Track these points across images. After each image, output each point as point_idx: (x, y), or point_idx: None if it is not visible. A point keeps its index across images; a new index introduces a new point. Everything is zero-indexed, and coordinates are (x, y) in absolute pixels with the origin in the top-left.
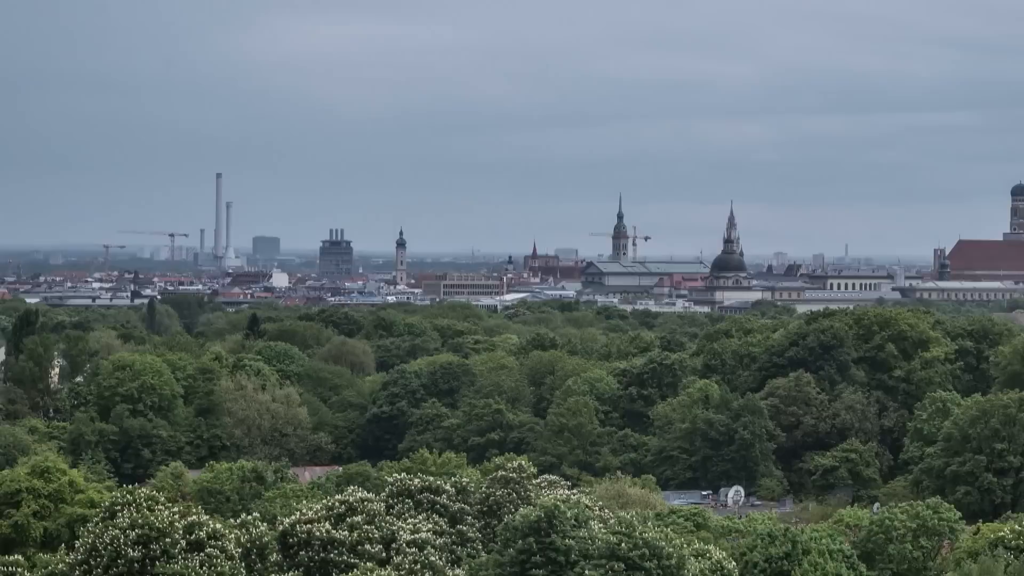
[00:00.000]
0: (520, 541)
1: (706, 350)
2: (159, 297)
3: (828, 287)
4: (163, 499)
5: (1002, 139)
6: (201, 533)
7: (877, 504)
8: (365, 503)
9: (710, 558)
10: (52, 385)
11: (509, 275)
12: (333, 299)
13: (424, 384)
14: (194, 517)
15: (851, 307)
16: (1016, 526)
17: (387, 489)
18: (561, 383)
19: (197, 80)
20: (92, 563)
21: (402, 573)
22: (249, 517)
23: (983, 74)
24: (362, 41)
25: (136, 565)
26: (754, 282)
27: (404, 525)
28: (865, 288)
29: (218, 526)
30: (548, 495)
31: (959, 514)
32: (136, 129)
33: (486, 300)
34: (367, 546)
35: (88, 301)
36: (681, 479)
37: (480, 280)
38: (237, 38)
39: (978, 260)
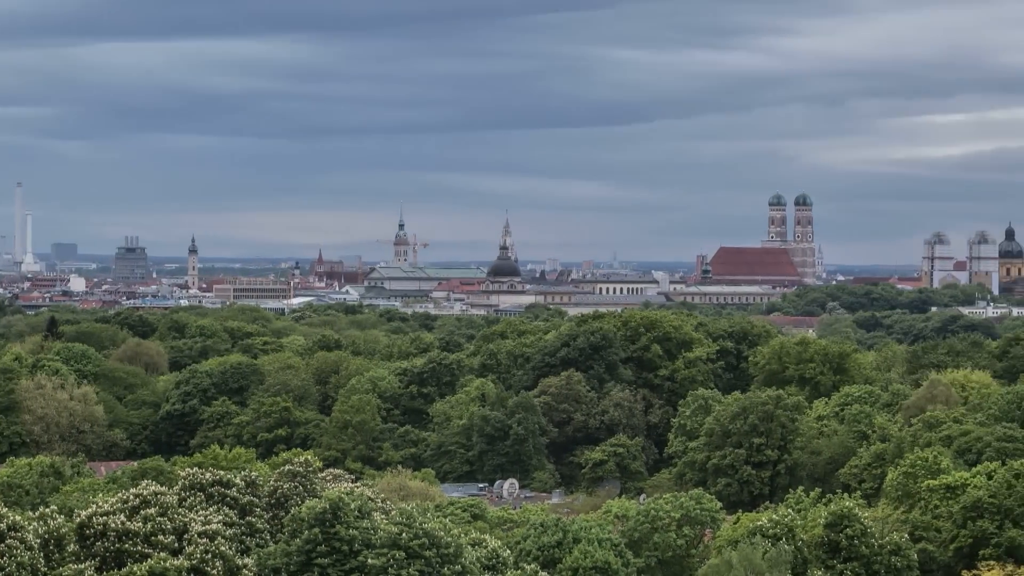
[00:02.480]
0: (307, 531)
1: (483, 351)
2: None
3: (597, 291)
4: None
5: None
6: (1, 525)
7: (643, 495)
8: (158, 496)
9: (486, 547)
10: None
11: (296, 280)
12: (128, 302)
13: (215, 383)
14: None
15: (619, 310)
16: (773, 515)
17: (180, 483)
18: (345, 382)
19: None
20: None
21: (194, 562)
22: (48, 510)
23: None
24: None
25: None
26: (528, 286)
27: (196, 517)
28: (632, 292)
29: (18, 518)
30: (333, 488)
31: (720, 504)
32: None
33: (273, 304)
34: (160, 537)
35: None
36: (459, 472)
37: (268, 285)
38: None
39: (738, 266)
